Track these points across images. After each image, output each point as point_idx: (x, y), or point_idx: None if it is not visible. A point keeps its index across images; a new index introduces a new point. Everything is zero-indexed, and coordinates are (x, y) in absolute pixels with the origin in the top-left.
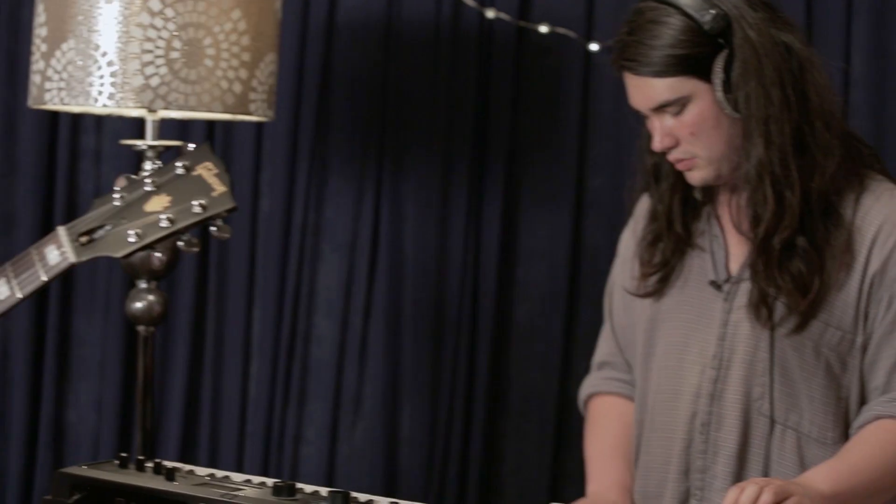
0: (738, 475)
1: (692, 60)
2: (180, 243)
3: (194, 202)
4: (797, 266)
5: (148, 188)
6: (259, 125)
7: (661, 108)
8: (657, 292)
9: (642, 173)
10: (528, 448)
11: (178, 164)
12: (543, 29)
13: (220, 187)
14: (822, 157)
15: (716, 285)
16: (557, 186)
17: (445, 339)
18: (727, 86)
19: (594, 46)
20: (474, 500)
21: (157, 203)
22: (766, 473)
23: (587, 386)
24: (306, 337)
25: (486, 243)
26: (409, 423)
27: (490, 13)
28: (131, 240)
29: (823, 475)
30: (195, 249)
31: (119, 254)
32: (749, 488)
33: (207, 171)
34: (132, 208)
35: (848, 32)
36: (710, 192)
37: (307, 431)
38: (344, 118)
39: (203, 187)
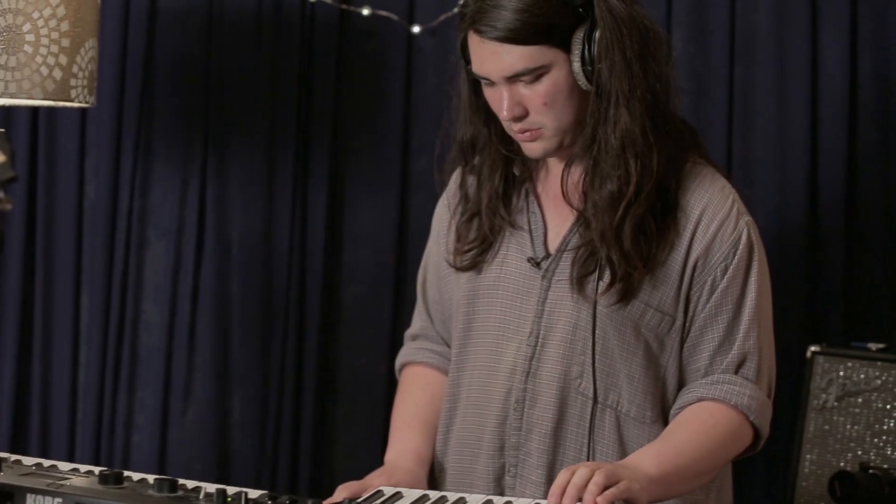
0: (554, 453)
1: (553, 30)
2: None
3: None
4: (641, 239)
5: None
6: (83, 111)
7: (514, 77)
8: (475, 266)
9: (457, 146)
10: (358, 431)
11: None
12: (365, 11)
13: None
14: (665, 136)
15: (534, 262)
16: (382, 169)
17: (274, 324)
18: (586, 57)
19: (416, 29)
20: (306, 483)
21: None
22: (583, 451)
23: (400, 356)
24: (135, 323)
25: (313, 227)
26: (240, 408)
27: None
28: None
29: (650, 457)
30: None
31: None
32: (581, 470)
33: None
34: None
35: (669, 10)
36: (527, 168)
37: (138, 418)
38: (168, 103)
39: None
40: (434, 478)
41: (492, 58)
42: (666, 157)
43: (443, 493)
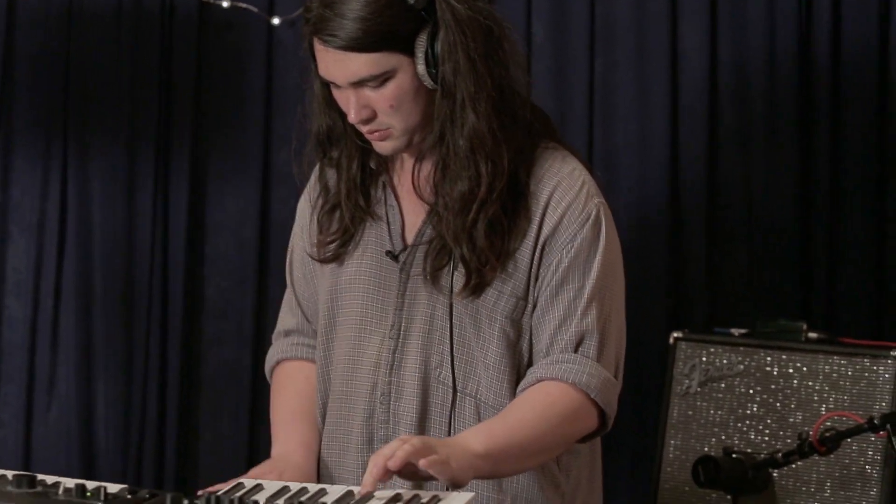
0: None
1: (395, 36)
2: None
3: None
4: (492, 234)
5: None
6: None
7: (360, 83)
8: (337, 258)
9: (313, 138)
10: (223, 423)
11: None
12: (225, 4)
13: None
14: (515, 129)
15: (392, 255)
16: (244, 160)
17: (137, 318)
18: (430, 59)
19: (276, 20)
20: (172, 476)
21: None
22: None
23: (274, 353)
24: None
25: (174, 219)
26: (104, 403)
27: None
28: None
29: (479, 435)
30: None
31: None
32: (392, 443)
33: None
34: None
35: (528, 4)
36: (383, 160)
37: (2, 414)
38: (27, 97)
39: None
40: None
41: (336, 65)
42: (515, 149)
43: (303, 485)
